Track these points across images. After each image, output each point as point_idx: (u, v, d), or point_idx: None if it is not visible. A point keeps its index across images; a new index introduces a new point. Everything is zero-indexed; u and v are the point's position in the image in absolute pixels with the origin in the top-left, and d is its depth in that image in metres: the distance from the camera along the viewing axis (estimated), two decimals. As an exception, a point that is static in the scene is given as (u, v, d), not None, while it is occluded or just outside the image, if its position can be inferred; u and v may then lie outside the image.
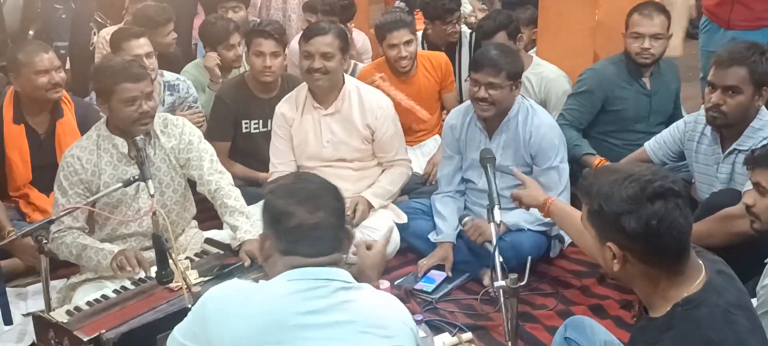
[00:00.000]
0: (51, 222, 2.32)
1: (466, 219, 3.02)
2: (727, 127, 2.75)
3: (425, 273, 3.08)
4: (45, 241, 2.26)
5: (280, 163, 3.29)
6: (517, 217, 2.97)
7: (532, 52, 4.14)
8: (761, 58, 2.66)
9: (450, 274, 3.08)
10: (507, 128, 3.05)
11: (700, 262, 1.61)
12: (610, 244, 1.57)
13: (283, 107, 3.30)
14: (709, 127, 2.84)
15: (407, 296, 2.96)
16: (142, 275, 2.52)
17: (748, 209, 2.27)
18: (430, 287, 3.01)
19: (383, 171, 3.36)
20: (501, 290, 2.32)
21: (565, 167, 3.05)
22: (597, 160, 3.35)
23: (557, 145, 3.02)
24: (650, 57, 3.41)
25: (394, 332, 1.59)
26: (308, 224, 1.58)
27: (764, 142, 2.61)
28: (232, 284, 1.63)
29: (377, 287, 1.81)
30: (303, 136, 3.25)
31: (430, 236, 3.18)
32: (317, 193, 1.64)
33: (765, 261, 2.03)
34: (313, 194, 1.63)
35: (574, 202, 3.13)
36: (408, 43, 3.76)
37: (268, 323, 1.52)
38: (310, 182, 1.68)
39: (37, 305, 2.78)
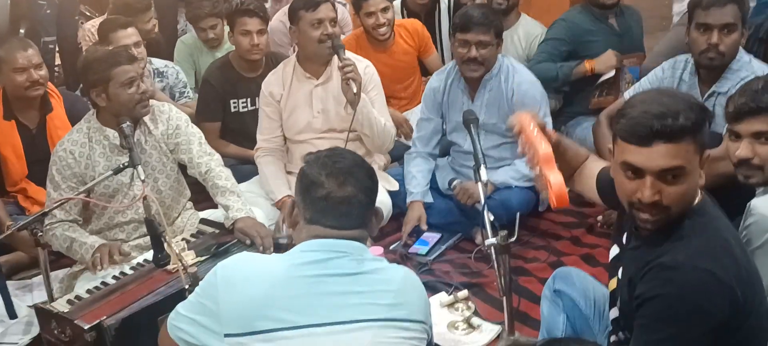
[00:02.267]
0: (45, 215, 2.36)
1: (455, 182, 3.07)
2: (715, 69, 2.75)
3: (416, 238, 3.13)
4: (40, 233, 2.31)
5: (265, 140, 3.32)
6: (504, 175, 3.02)
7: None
8: None
9: (425, 227, 3.12)
10: (489, 87, 3.08)
11: None
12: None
13: (269, 84, 3.32)
14: (687, 72, 2.86)
15: (402, 259, 3.02)
16: (140, 259, 2.57)
17: (743, 163, 2.07)
18: (424, 250, 3.07)
19: None
20: (492, 248, 2.38)
21: (548, 121, 3.09)
22: (588, 64, 3.49)
23: (539, 100, 3.06)
24: None
25: (408, 307, 1.64)
26: (336, 197, 1.62)
27: (742, 83, 2.61)
28: (242, 255, 1.70)
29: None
30: (293, 108, 3.28)
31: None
32: (350, 168, 1.66)
33: (748, 204, 2.06)
34: (345, 168, 1.66)
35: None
36: (385, 10, 3.78)
37: (275, 286, 1.57)
38: (346, 157, 1.71)
39: (42, 296, 2.81)
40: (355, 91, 3.00)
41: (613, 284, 1.82)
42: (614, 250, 1.84)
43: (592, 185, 1.99)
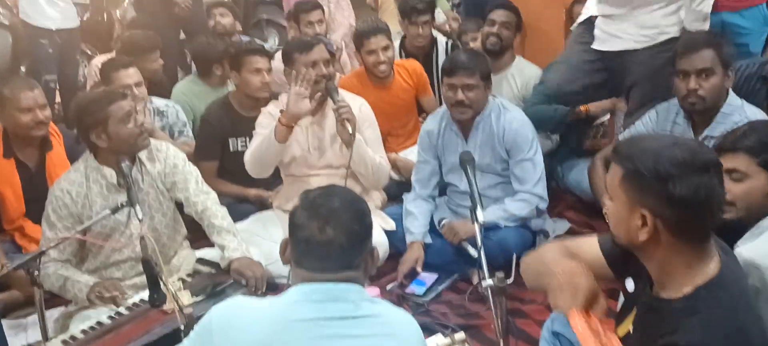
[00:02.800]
0: (42, 254, 2.36)
1: (443, 221, 3.09)
2: (704, 113, 2.79)
3: (412, 279, 3.12)
4: (37, 272, 2.30)
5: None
6: (493, 214, 3.02)
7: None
8: (723, 39, 2.73)
9: (420, 269, 3.12)
10: (482, 128, 3.12)
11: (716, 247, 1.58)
12: (644, 210, 1.50)
13: (271, 109, 3.34)
14: (680, 116, 2.89)
15: (399, 300, 3.00)
16: (136, 299, 2.56)
17: None
18: (421, 290, 3.05)
19: None
20: (489, 289, 2.37)
21: (539, 159, 3.12)
22: (583, 107, 3.54)
23: (530, 139, 3.09)
24: None
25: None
26: (315, 241, 1.60)
27: (734, 126, 2.65)
28: (237, 300, 1.67)
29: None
30: (290, 142, 3.31)
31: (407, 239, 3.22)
32: (333, 212, 1.62)
33: (735, 246, 2.06)
34: (327, 212, 1.61)
35: (552, 193, 3.22)
36: (386, 48, 3.85)
37: (272, 332, 1.56)
38: (333, 199, 1.65)
39: (36, 335, 2.80)
40: (350, 131, 3.04)
41: (621, 330, 1.78)
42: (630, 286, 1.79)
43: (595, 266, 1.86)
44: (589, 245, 1.90)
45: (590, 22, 3.36)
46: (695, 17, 3.04)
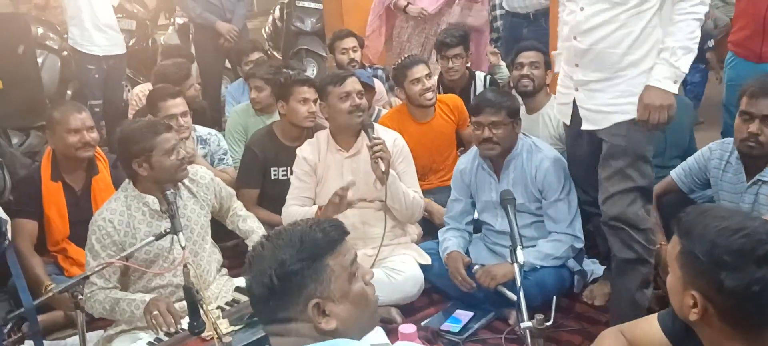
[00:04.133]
0: (86, 278, 2.40)
1: (475, 267, 3.07)
2: (761, 158, 2.77)
3: (448, 316, 3.12)
4: (81, 296, 2.34)
5: (292, 200, 3.38)
6: (528, 256, 3.00)
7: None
8: None
9: (468, 260, 3.15)
10: (513, 167, 3.13)
11: None
12: (695, 293, 1.47)
13: (304, 151, 3.41)
14: (734, 156, 2.86)
15: (434, 337, 2.99)
16: (176, 327, 2.59)
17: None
18: (456, 328, 3.04)
19: None
20: (527, 331, 2.35)
21: (573, 198, 3.10)
22: None
23: (563, 178, 3.07)
24: None
25: None
26: (248, 292, 1.47)
27: None
28: None
29: None
30: (325, 179, 3.35)
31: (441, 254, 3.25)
32: (255, 257, 1.44)
33: None
34: (253, 257, 1.46)
35: (588, 233, 3.17)
36: (428, 76, 3.92)
37: None
38: (265, 245, 1.45)
39: (76, 357, 2.87)
40: (383, 169, 3.09)
41: None
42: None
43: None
44: (649, 325, 1.84)
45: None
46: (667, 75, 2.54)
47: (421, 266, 3.26)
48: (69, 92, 5.95)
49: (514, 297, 2.89)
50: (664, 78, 2.51)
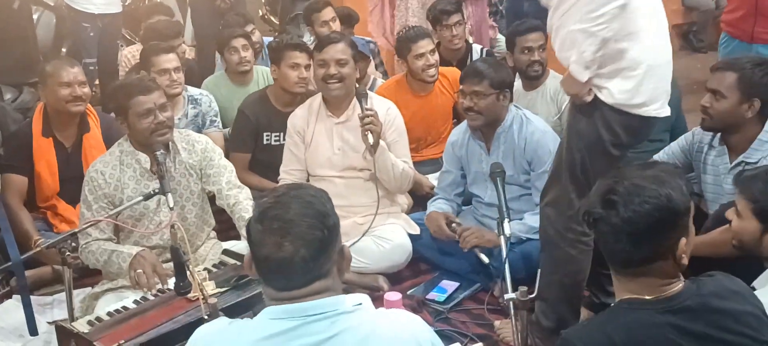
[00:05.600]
0: (74, 235, 2.41)
1: (454, 225, 3.12)
2: (736, 137, 2.76)
3: (435, 285, 3.14)
4: (68, 253, 2.36)
5: (286, 172, 3.41)
6: (514, 228, 3.00)
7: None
8: (756, 68, 2.68)
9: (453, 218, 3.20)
10: (504, 139, 3.13)
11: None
12: None
13: (295, 117, 3.41)
14: (717, 139, 2.86)
15: (419, 306, 3.01)
16: (162, 286, 2.60)
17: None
18: (441, 297, 3.06)
19: None
20: (511, 303, 2.37)
21: None
22: None
23: (552, 150, 3.07)
24: None
25: None
26: (275, 258, 1.43)
27: None
28: (217, 325, 1.57)
29: None
30: (316, 144, 3.35)
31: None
32: (291, 222, 1.44)
33: (752, 285, 2.04)
34: (285, 223, 1.44)
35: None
36: (433, 51, 3.87)
37: None
38: (288, 207, 1.46)
39: (62, 313, 2.87)
40: (371, 142, 3.10)
41: None
42: None
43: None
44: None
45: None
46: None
47: (410, 236, 3.28)
48: (64, 50, 5.90)
49: (487, 260, 3.01)
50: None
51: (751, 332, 1.58)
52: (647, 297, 1.60)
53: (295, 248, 1.43)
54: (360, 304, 1.48)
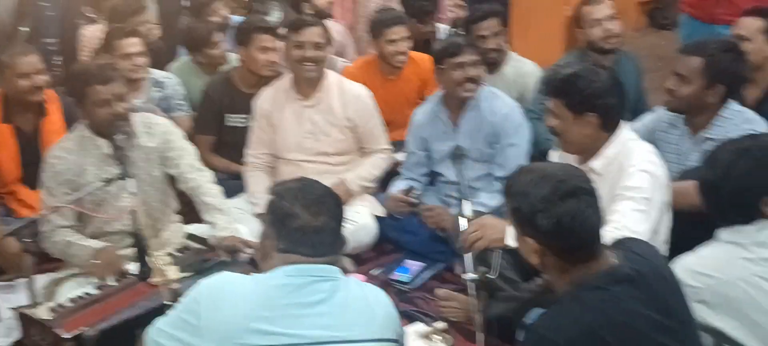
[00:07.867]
0: (33, 222, 2.40)
1: (416, 199, 3.19)
2: (698, 116, 2.80)
3: (399, 265, 3.18)
4: (28, 240, 2.34)
5: (253, 156, 3.41)
6: (470, 209, 3.05)
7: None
8: (723, 54, 2.70)
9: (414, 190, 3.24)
10: (472, 116, 3.15)
11: (613, 255, 1.70)
12: (529, 239, 1.70)
13: (261, 100, 3.39)
14: (681, 120, 2.89)
15: (383, 286, 3.02)
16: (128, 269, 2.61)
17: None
18: (405, 277, 3.09)
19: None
20: (471, 283, 2.42)
21: (525, 149, 3.16)
22: None
23: (518, 125, 3.13)
24: (616, 38, 3.50)
25: (380, 320, 1.76)
26: (311, 227, 1.71)
27: (736, 128, 2.64)
28: (226, 275, 1.75)
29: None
30: (284, 127, 3.34)
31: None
32: (321, 197, 1.76)
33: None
34: (317, 198, 1.75)
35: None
36: (405, 39, 3.86)
37: (256, 308, 1.64)
38: (315, 186, 1.80)
39: (25, 298, 2.86)
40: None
41: None
42: None
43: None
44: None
45: None
46: None
47: (377, 218, 3.30)
48: (27, 29, 5.76)
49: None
50: None
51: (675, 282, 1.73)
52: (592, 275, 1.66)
53: (328, 219, 1.73)
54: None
